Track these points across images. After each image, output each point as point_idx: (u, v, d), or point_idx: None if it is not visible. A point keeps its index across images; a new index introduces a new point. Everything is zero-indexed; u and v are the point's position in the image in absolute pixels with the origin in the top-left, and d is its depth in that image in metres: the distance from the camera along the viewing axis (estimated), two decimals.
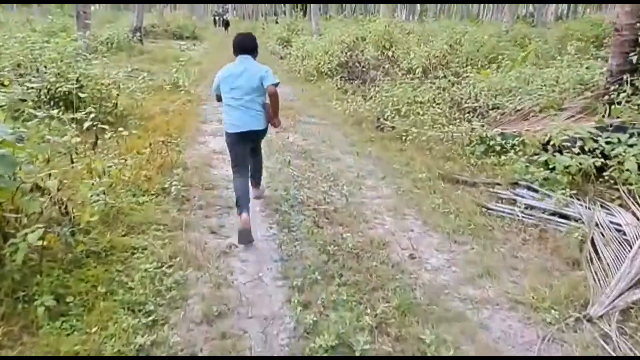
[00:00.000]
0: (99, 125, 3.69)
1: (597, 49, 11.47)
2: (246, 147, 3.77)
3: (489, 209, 4.16)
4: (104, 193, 3.36)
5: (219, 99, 3.77)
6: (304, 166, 5.24)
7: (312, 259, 3.29)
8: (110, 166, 3.94)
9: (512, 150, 5.14)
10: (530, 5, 42.20)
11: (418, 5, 43.39)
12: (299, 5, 36.24)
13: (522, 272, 3.22)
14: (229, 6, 37.24)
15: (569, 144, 4.50)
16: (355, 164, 5.46)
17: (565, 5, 45.92)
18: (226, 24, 29.26)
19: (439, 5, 42.93)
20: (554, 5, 35.50)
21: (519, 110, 6.13)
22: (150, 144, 4.79)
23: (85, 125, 3.69)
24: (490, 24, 24.74)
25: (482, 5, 52.11)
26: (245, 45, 3.68)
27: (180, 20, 26.40)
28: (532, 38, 15.89)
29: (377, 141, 6.29)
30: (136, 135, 5.49)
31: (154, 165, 4.53)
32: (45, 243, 2.56)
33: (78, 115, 5.23)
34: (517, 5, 29.31)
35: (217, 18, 33.37)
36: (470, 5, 47.34)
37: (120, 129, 4.97)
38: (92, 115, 3.74)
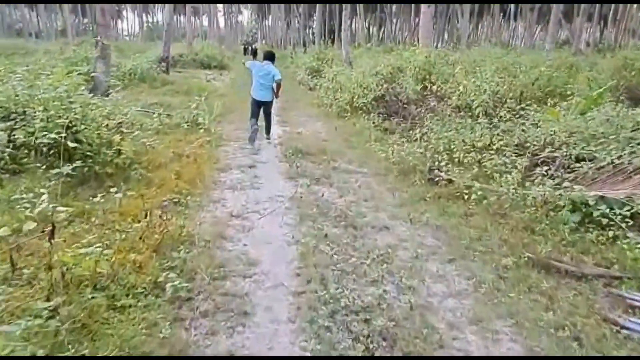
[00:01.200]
0: (58, 209, 2.60)
1: None
2: (260, 108, 7.42)
3: (622, 327, 2.84)
4: (56, 313, 2.22)
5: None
6: (345, 241, 4.02)
7: None
8: (84, 255, 2.84)
9: (624, 224, 3.84)
10: (567, 31, 40.57)
11: (445, 32, 42.38)
12: (327, 32, 35.86)
13: None
14: (258, 36, 37.35)
15: None
16: (410, 235, 4.22)
17: (598, 33, 43.99)
18: (254, 53, 28.96)
19: (468, 31, 41.68)
20: (584, 32, 33.76)
21: (617, 164, 4.80)
22: (146, 215, 3.69)
23: (36, 211, 2.61)
24: (527, 51, 23.21)
25: (512, 31, 50.79)
26: (268, 56, 7.50)
27: (209, 49, 26.07)
28: (581, 67, 14.53)
29: (432, 201, 5.04)
30: (136, 194, 4.45)
31: (148, 245, 3.42)
32: None
33: (64, 169, 4.25)
34: (557, 31, 27.87)
35: (246, 47, 33.39)
36: (500, 31, 46.08)
37: (113, 190, 3.93)
38: (44, 205, 2.61)
